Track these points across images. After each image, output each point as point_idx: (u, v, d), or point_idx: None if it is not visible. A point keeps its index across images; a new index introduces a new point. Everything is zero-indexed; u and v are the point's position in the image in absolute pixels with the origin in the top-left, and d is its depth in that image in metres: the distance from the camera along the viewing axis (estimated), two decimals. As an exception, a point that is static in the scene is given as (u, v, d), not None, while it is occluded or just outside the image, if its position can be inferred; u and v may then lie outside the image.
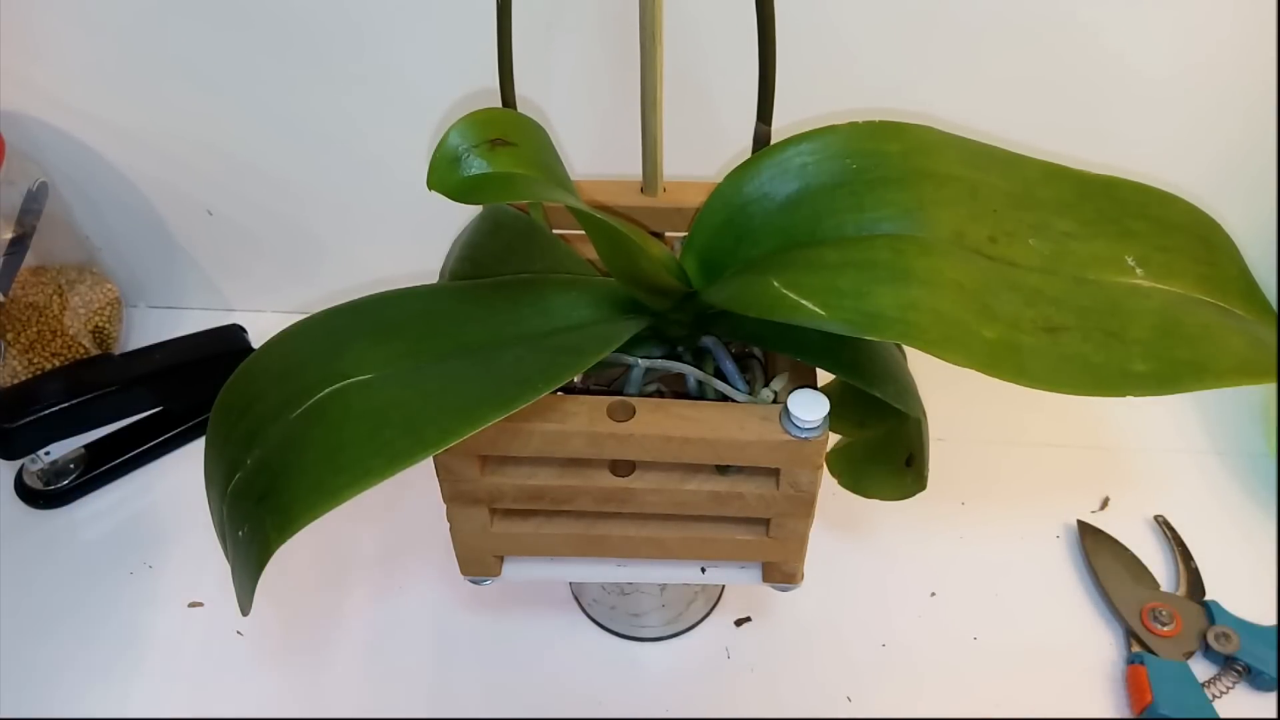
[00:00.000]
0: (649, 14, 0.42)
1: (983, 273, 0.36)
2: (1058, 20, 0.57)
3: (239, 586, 0.34)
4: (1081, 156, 0.42)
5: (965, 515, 0.62)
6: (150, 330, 0.74)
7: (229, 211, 0.69)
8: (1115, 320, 0.35)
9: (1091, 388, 0.33)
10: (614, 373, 0.44)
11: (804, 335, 0.37)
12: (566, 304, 0.41)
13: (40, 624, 0.57)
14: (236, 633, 0.56)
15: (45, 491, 0.63)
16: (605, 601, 0.55)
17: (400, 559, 0.60)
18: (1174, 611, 0.56)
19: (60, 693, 0.54)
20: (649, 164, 0.48)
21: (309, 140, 0.65)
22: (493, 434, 0.37)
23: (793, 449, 0.38)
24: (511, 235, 0.46)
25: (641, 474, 0.41)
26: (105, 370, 0.64)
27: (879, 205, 0.39)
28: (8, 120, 0.63)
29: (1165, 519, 0.62)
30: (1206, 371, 0.34)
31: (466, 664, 0.55)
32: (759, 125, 0.44)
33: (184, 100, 0.63)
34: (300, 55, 0.60)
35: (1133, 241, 0.38)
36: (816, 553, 0.45)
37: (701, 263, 0.43)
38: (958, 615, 0.57)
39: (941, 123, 0.41)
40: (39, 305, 0.66)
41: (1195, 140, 0.63)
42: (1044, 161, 0.40)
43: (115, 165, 0.67)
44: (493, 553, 0.45)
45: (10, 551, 0.61)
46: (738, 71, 0.48)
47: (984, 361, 0.33)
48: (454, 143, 0.36)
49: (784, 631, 0.57)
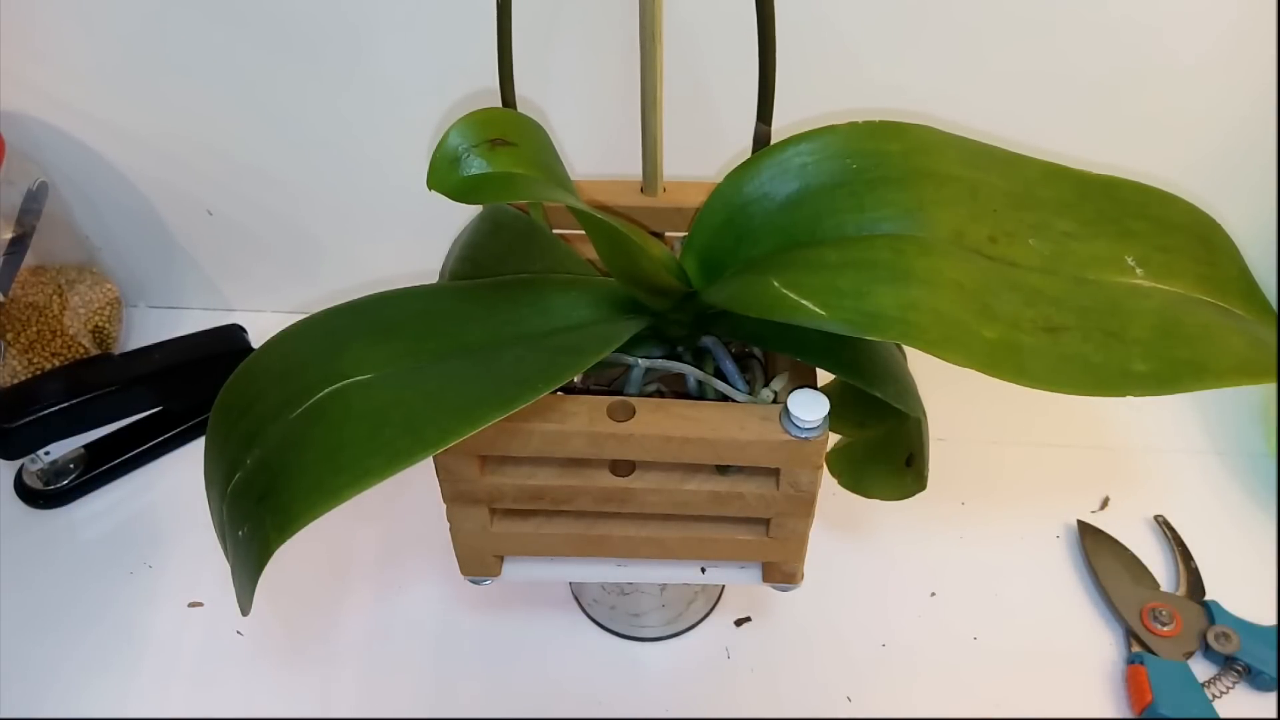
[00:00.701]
0: (649, 14, 0.42)
1: (983, 273, 0.36)
2: (1058, 21, 0.57)
3: (239, 586, 0.34)
4: (1081, 156, 0.42)
5: (965, 515, 0.62)
6: (150, 330, 0.74)
7: (229, 211, 0.69)
8: (1115, 320, 0.35)
9: (1091, 388, 0.33)
10: (614, 373, 0.44)
11: (804, 335, 0.37)
12: (566, 304, 0.41)
13: (40, 624, 0.57)
14: (236, 633, 0.56)
15: (45, 491, 0.63)
16: (605, 601, 0.55)
17: (400, 559, 0.60)
18: (1174, 611, 0.56)
19: (60, 692, 0.54)
20: (649, 164, 0.48)
21: (309, 140, 0.65)
22: (492, 434, 0.37)
23: (793, 449, 0.38)
24: (511, 235, 0.46)
25: (641, 474, 0.41)
26: (105, 370, 0.64)
27: (879, 205, 0.39)
28: (8, 120, 0.63)
29: (1165, 519, 0.62)
30: (1206, 371, 0.34)
31: (466, 664, 0.55)
32: (759, 125, 0.44)
33: (184, 100, 0.63)
34: (300, 55, 0.60)
35: (1133, 241, 0.38)
36: (816, 553, 0.45)
37: (701, 263, 0.43)
38: (958, 615, 0.57)
39: (941, 122, 0.41)
40: (39, 305, 0.66)
41: (1195, 140, 0.63)
42: (1044, 161, 0.40)
43: (115, 165, 0.67)
44: (493, 553, 0.45)
45: (10, 551, 0.61)
46: (738, 71, 0.48)
47: (984, 361, 0.33)
48: (454, 143, 0.36)
49: (784, 631, 0.57)
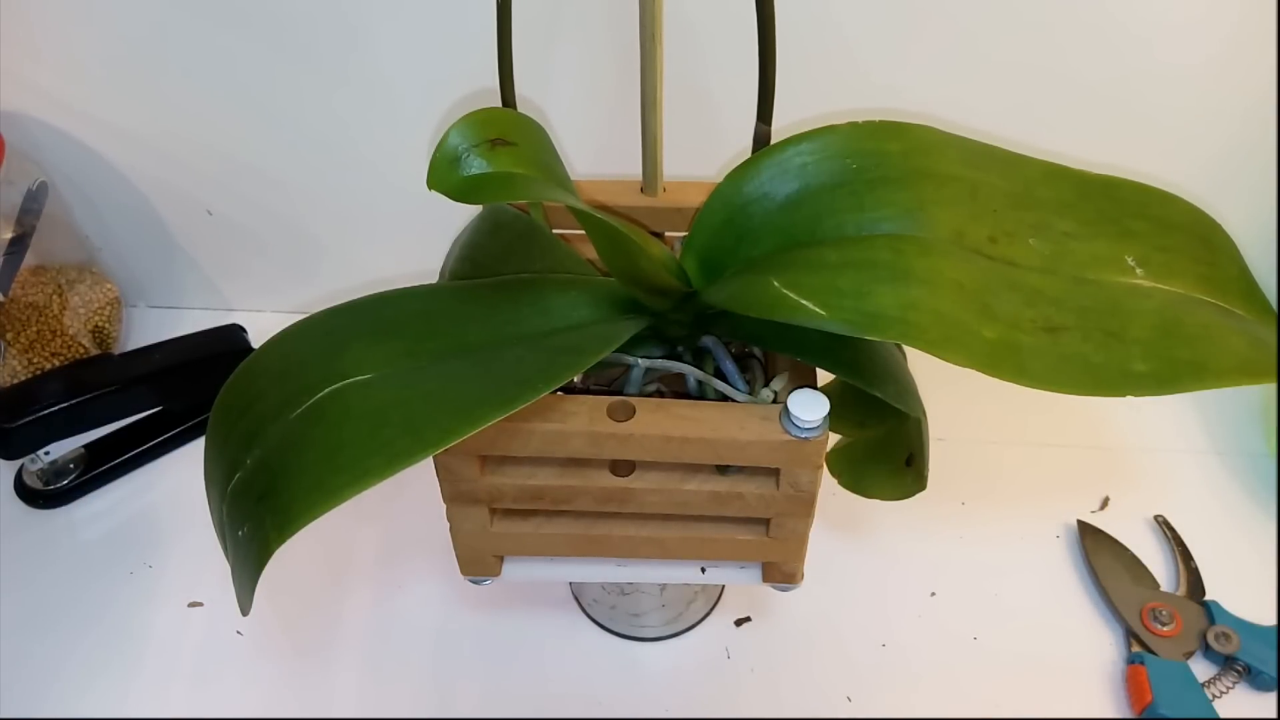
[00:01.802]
0: (649, 14, 0.42)
1: (983, 273, 0.36)
2: (1058, 20, 0.57)
3: (239, 586, 0.34)
4: (1082, 156, 0.42)
5: (965, 515, 0.62)
6: (150, 330, 0.74)
7: (229, 211, 0.69)
8: (1115, 320, 0.35)
9: (1091, 388, 0.33)
10: (614, 373, 0.44)
11: (804, 335, 0.37)
12: (566, 304, 0.41)
13: (40, 624, 0.57)
14: (236, 633, 0.56)
15: (45, 491, 0.63)
16: (605, 601, 0.55)
17: (400, 559, 0.60)
18: (1174, 611, 0.56)
19: (60, 692, 0.54)
20: (649, 164, 0.48)
21: (309, 140, 0.65)
22: (492, 434, 0.37)
23: (793, 449, 0.38)
24: (511, 235, 0.46)
25: (641, 474, 0.41)
26: (105, 370, 0.64)
27: (879, 205, 0.39)
28: (8, 120, 0.63)
29: (1165, 519, 0.62)
30: (1206, 371, 0.34)
31: (466, 664, 0.55)
32: (759, 125, 0.44)
33: (184, 100, 0.63)
34: (300, 55, 0.60)
35: (1133, 241, 0.38)
36: (816, 553, 0.45)
37: (701, 263, 0.43)
38: (958, 615, 0.57)
39: (942, 122, 0.41)
40: (39, 305, 0.66)
41: (1195, 140, 0.63)
42: (1044, 161, 0.40)
43: (115, 165, 0.67)
44: (493, 553, 0.45)
45: (10, 551, 0.61)
46: (738, 71, 0.48)
47: (984, 361, 0.33)
48: (454, 142, 0.36)
49: (784, 631, 0.57)
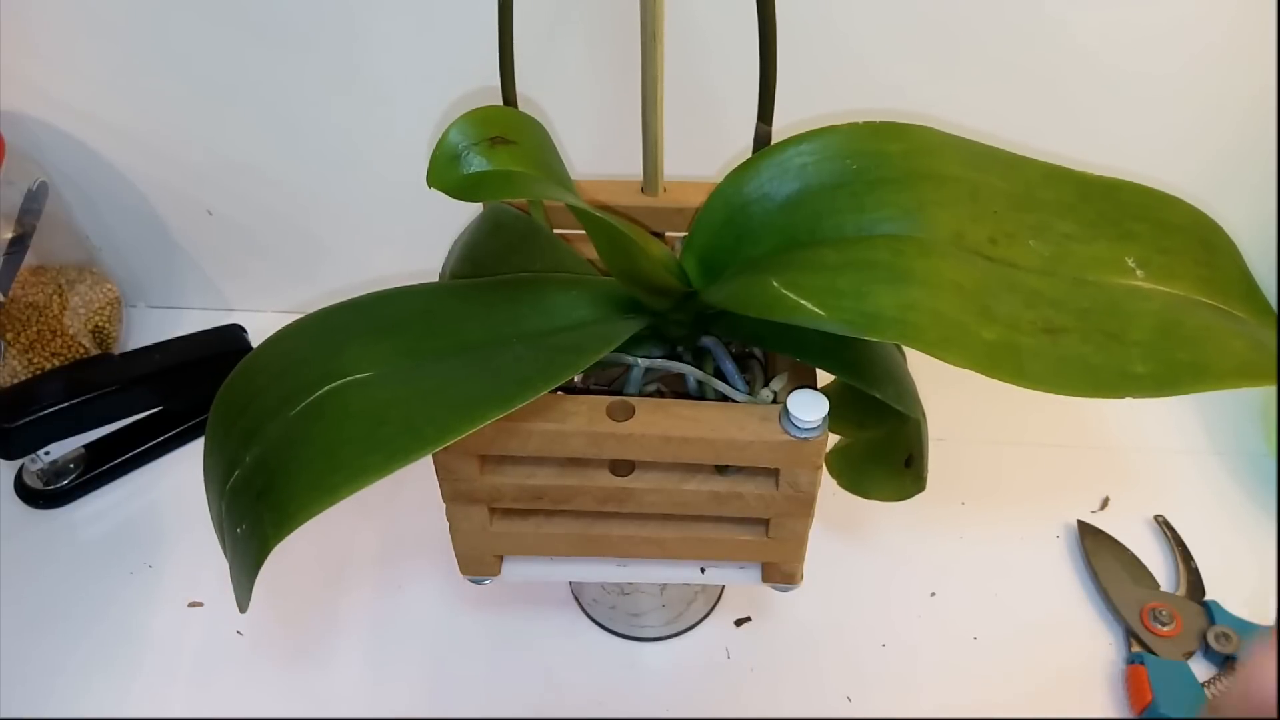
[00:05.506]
0: (649, 14, 0.42)
1: (982, 274, 0.36)
2: (1058, 20, 0.57)
3: (237, 583, 0.34)
4: (1082, 158, 0.42)
5: (965, 515, 0.62)
6: (150, 330, 0.74)
7: (229, 211, 0.69)
8: (1115, 322, 0.35)
9: (1091, 389, 0.33)
10: (614, 373, 0.44)
11: (804, 335, 0.37)
12: (566, 303, 0.41)
13: (40, 624, 0.57)
14: (236, 632, 0.56)
15: (45, 491, 0.63)
16: (605, 601, 0.55)
17: (400, 558, 0.60)
18: (1174, 611, 0.56)
19: (60, 692, 0.54)
20: (649, 164, 0.48)
21: (309, 140, 0.65)
22: (492, 433, 0.37)
23: (792, 449, 0.38)
24: (511, 235, 0.46)
25: (641, 474, 0.41)
26: (105, 370, 0.64)
27: (879, 206, 0.39)
28: (8, 120, 0.63)
29: (1165, 519, 0.62)
30: (1206, 373, 0.34)
31: (466, 664, 0.55)
32: (759, 125, 0.44)
33: (184, 100, 0.63)
34: (300, 54, 0.60)
35: (1133, 243, 0.38)
36: (816, 553, 0.45)
37: (701, 263, 0.43)
38: (958, 615, 0.57)
39: (942, 123, 0.41)
40: (39, 305, 0.66)
41: (1195, 140, 0.63)
42: (1045, 163, 0.40)
43: (115, 165, 0.67)
44: (492, 552, 0.45)
45: (10, 551, 0.61)
46: (738, 71, 0.48)
47: (983, 362, 0.33)
48: (454, 140, 0.36)
49: (784, 631, 0.57)
